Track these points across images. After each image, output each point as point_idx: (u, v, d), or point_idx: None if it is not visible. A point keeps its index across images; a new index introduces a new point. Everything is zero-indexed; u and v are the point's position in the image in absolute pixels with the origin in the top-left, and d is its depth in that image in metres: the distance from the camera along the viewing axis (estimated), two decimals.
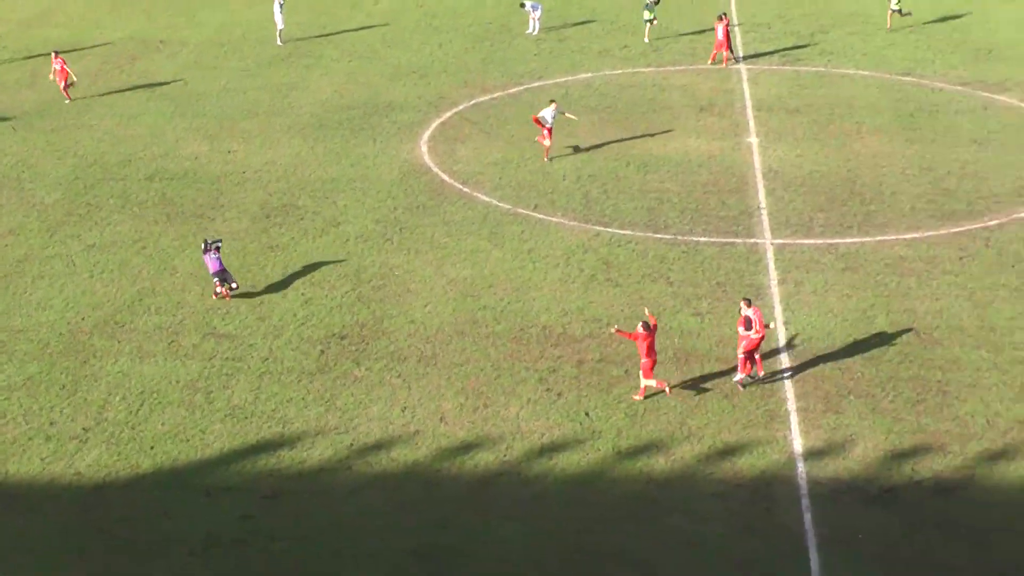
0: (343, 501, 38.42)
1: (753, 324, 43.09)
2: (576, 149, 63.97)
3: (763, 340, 43.64)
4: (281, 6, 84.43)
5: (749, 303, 43.69)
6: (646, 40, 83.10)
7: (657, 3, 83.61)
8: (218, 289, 49.59)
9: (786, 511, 37.67)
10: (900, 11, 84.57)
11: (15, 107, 72.09)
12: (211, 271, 49.62)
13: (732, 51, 79.27)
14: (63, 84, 73.39)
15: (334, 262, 52.73)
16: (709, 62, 78.91)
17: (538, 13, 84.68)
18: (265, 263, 52.97)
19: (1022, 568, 35.37)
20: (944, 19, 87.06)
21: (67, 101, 73.24)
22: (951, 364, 44.97)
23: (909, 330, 47.14)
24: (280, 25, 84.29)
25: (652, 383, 42.76)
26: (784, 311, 48.53)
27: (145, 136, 67.62)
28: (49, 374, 45.32)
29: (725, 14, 78.41)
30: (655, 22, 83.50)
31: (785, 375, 44.44)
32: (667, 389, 42.91)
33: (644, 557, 35.77)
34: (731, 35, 79.53)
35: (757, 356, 43.94)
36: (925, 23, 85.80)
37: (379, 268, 52.47)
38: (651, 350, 42.33)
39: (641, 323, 42.37)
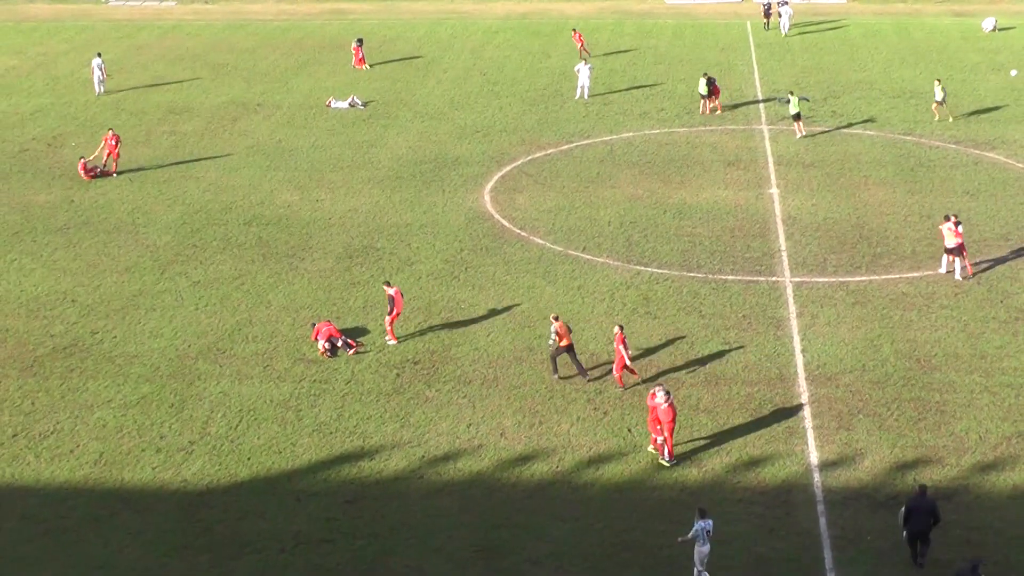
0: (415, 504, 38.42)
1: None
2: None
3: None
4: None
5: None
6: (802, 134, 75.08)
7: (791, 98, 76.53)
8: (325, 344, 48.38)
9: (803, 514, 37.56)
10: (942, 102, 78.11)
11: (132, 161, 72.30)
12: (324, 340, 48.11)
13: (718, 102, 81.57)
14: (104, 161, 70.45)
15: (408, 297, 52.70)
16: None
17: (586, 80, 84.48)
18: (348, 297, 53.03)
19: (1009, 564, 35.22)
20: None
21: (114, 175, 70.14)
22: (948, 387, 44.73)
23: (911, 357, 46.89)
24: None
25: None
26: (802, 340, 48.29)
27: (244, 187, 67.84)
28: (160, 394, 45.46)
29: (708, 73, 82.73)
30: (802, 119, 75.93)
31: (802, 396, 44.26)
32: None
33: (677, 552, 35.58)
34: (719, 90, 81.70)
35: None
36: (923, 92, 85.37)
37: (447, 302, 52.48)
38: None
39: None
